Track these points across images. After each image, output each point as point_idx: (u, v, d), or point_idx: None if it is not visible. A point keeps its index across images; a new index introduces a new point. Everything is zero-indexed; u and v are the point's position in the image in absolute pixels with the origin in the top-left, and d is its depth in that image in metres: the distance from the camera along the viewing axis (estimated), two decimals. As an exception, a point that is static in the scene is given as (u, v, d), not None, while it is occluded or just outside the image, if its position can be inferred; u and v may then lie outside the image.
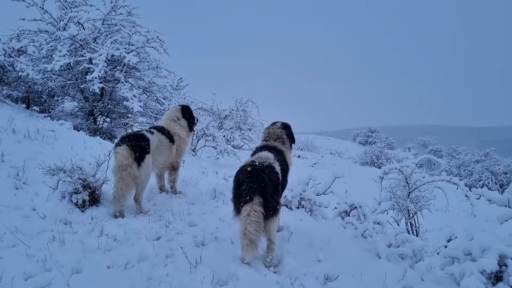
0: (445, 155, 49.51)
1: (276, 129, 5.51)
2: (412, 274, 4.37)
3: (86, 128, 13.84)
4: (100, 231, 4.92)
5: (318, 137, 46.38)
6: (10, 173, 6.15)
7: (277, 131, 5.48)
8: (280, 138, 5.43)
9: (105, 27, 13.60)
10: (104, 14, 13.30)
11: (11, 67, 13.75)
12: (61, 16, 13.44)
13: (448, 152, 50.57)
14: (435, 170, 34.65)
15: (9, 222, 4.74)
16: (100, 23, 13.45)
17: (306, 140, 29.24)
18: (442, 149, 51.68)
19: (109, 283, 3.80)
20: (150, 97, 15.19)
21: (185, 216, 5.60)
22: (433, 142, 53.71)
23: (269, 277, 4.07)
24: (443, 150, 51.15)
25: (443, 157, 47.05)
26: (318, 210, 6.32)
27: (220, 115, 19.80)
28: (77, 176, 5.60)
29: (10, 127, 8.96)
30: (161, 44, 13.73)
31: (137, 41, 13.50)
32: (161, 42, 13.79)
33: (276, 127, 5.53)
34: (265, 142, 5.42)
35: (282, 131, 5.51)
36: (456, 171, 35.55)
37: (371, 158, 31.24)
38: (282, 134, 5.47)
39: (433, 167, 36.14)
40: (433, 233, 7.80)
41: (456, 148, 50.56)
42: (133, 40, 13.44)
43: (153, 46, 13.54)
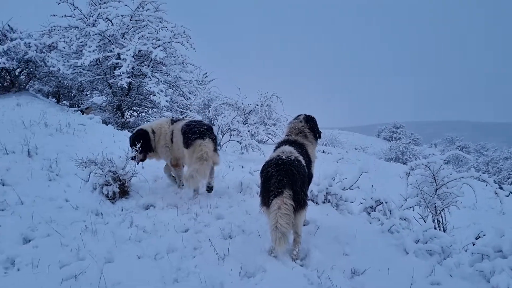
0: (473, 151, 48.31)
1: (297, 123, 5.50)
2: (440, 270, 4.32)
3: (114, 122, 14.12)
4: (130, 222, 5.05)
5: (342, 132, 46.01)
6: (43, 165, 6.36)
7: (299, 125, 5.47)
8: (302, 132, 5.41)
9: (133, 23, 13.81)
10: (132, 10, 13.50)
11: (42, 63, 14.14)
12: (90, 12, 13.71)
13: (476, 148, 49.35)
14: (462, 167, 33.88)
15: (43, 212, 4.92)
16: (128, 19, 13.66)
17: (330, 135, 29.05)
18: (470, 145, 50.45)
19: (140, 273, 3.90)
20: (176, 91, 15.35)
21: (213, 209, 5.67)
22: (460, 138, 52.51)
23: (296, 270, 4.09)
24: (471, 147, 49.92)
25: (471, 153, 45.92)
26: (344, 205, 6.30)
27: (245, 110, 19.83)
28: (107, 169, 5.74)
29: (42, 121, 9.24)
30: (187, 39, 13.85)
31: (164, 36, 13.65)
32: (188, 37, 13.90)
33: (298, 121, 5.52)
34: (287, 136, 5.43)
35: (304, 125, 5.49)
36: (484, 168, 34.69)
37: (396, 154, 30.77)
38: (303, 128, 5.45)
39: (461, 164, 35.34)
40: (460, 230, 7.67)
41: (484, 145, 49.30)
42: (160, 35, 13.59)
43: (180, 41, 13.69)
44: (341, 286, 3.81)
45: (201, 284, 3.77)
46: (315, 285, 3.85)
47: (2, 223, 4.56)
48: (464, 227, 8.34)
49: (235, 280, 3.88)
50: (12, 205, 5.03)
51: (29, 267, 3.83)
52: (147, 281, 3.76)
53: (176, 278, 3.88)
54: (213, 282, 3.81)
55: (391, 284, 4.00)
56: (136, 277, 3.82)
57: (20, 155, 6.64)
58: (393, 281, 4.05)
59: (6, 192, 5.32)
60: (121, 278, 3.75)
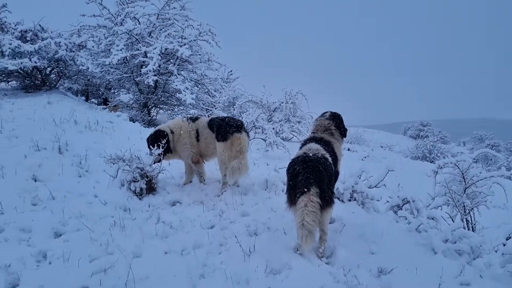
0: (504, 150, 46.92)
1: (323, 120, 5.46)
2: (469, 270, 4.22)
3: (141, 120, 14.33)
4: (157, 218, 5.12)
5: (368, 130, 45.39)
6: (73, 161, 6.52)
7: (325, 123, 5.43)
8: (328, 130, 5.37)
9: (159, 22, 13.97)
10: (159, 9, 13.67)
11: (72, 62, 14.46)
12: (118, 11, 13.94)
13: (507, 147, 47.91)
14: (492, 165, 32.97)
15: (74, 207, 5.06)
16: (154, 18, 13.84)
17: (355, 133, 28.74)
18: (500, 143, 48.99)
19: (167, 268, 3.96)
20: (201, 89, 15.46)
21: (238, 206, 5.69)
22: (490, 137, 51.08)
23: (322, 267, 4.07)
24: (501, 145, 48.48)
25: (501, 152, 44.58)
26: (370, 203, 6.22)
27: (270, 108, 19.80)
28: (135, 165, 5.84)
29: (72, 118, 9.46)
30: (213, 37, 13.92)
31: (190, 35, 13.78)
32: (213, 35, 13.98)
33: (324, 119, 5.48)
34: (313, 134, 5.40)
35: (330, 122, 5.45)
36: (516, 167, 33.68)
37: (422, 153, 30.16)
38: (330, 125, 5.41)
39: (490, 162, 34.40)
40: (490, 230, 7.48)
41: (515, 143, 47.88)
42: (185, 33, 13.73)
43: (205, 39, 13.78)
44: (367, 285, 3.77)
45: (227, 280, 3.80)
46: (341, 283, 3.82)
47: (34, 217, 4.70)
48: (494, 227, 8.13)
49: (260, 276, 3.89)
50: (44, 200, 5.19)
51: (60, 261, 3.94)
52: (174, 276, 3.81)
53: (202, 274, 3.92)
54: (238, 279, 3.83)
55: (419, 284, 3.94)
56: (163, 272, 3.88)
57: (51, 151, 6.82)
58: (421, 281, 3.98)
59: (38, 187, 5.49)
60: (149, 272, 3.81)
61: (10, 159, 6.26)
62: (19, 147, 6.81)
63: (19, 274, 3.68)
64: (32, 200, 5.15)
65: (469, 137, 54.73)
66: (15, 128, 7.99)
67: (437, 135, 49.55)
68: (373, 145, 29.51)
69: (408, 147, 33.39)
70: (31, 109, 10.77)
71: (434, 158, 28.04)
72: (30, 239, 4.32)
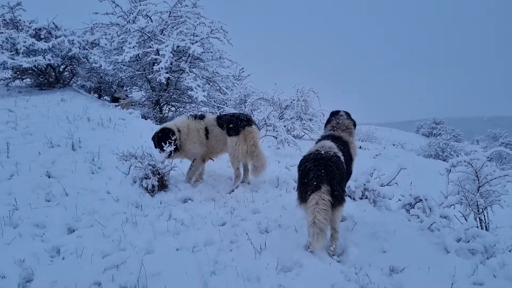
0: (519, 148, 46.29)
1: (345, 119, 5.42)
2: (483, 270, 4.17)
3: (153, 117, 14.40)
4: (168, 215, 5.15)
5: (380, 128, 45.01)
6: (86, 158, 6.58)
7: (346, 122, 5.40)
8: (348, 129, 5.36)
9: (171, 19, 14.01)
10: (171, 7, 13.70)
11: (85, 59, 14.58)
12: (130, 9, 14.01)
13: (522, 145, 47.26)
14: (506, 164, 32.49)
15: (87, 204, 5.11)
16: (166, 15, 13.88)
17: (367, 131, 28.53)
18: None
19: (178, 264, 3.98)
20: (213, 87, 15.48)
21: (249, 203, 5.70)
22: (504, 135, 50.32)
23: (333, 266, 4.07)
24: (516, 143, 47.80)
25: (516, 150, 43.84)
26: (382, 201, 6.19)
27: (281, 105, 19.77)
28: (147, 162, 5.88)
29: (85, 115, 9.56)
30: (225, 35, 13.92)
31: (201, 32, 13.78)
32: (225, 32, 13.97)
33: (345, 118, 5.45)
34: (331, 131, 5.36)
35: (350, 121, 5.44)
36: (530, 166, 33.17)
37: (435, 151, 29.81)
38: (350, 124, 5.40)
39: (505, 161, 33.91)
40: (504, 229, 7.38)
41: (531, 142, 47.13)
42: (197, 31, 13.73)
43: (217, 37, 13.77)
44: (379, 284, 3.76)
45: (238, 277, 3.81)
46: (352, 282, 3.81)
47: (48, 213, 4.76)
48: (508, 227, 8.02)
49: (271, 274, 3.90)
50: (57, 197, 5.25)
51: (73, 256, 3.99)
52: (185, 272, 3.83)
53: (213, 271, 3.94)
54: (249, 276, 3.84)
55: (431, 283, 3.91)
56: (174, 268, 3.90)
57: (64, 148, 6.90)
58: (434, 280, 3.95)
59: (52, 184, 5.56)
60: (160, 269, 3.84)
61: (24, 155, 6.35)
62: (34, 144, 6.91)
63: (33, 269, 3.73)
64: (46, 196, 5.22)
65: (483, 135, 54.01)
66: (30, 125, 8.10)
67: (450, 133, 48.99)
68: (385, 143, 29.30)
69: (420, 145, 33.08)
70: (45, 106, 10.91)
71: (447, 157, 27.73)
72: (44, 234, 4.38)
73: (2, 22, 14.17)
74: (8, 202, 4.90)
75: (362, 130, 29.16)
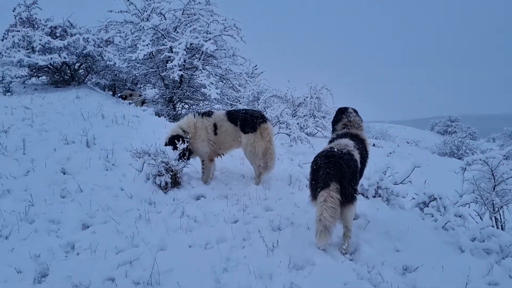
0: (536, 146, 45.32)
1: (355, 117, 5.40)
2: (498, 270, 4.11)
3: (166, 114, 14.47)
4: (181, 212, 5.18)
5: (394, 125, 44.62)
6: (100, 155, 6.66)
7: (357, 119, 5.38)
8: (360, 126, 5.34)
9: (184, 17, 14.04)
10: (184, 4, 13.73)
11: (99, 57, 14.71)
12: (144, 7, 14.07)
13: (540, 143, 46.40)
14: (523, 162, 31.89)
15: (101, 200, 5.17)
16: (180, 13, 13.91)
17: (381, 129, 28.32)
18: (532, 139, 47.44)
19: (191, 261, 4.00)
20: (226, 84, 15.49)
21: (262, 201, 5.70)
22: (521, 133, 49.49)
23: (345, 264, 4.05)
24: (533, 141, 46.95)
25: (534, 148, 43.02)
26: (395, 199, 6.13)
27: (294, 103, 19.70)
28: (160, 159, 5.91)
29: (99, 112, 9.65)
30: (238, 32, 13.91)
31: (215, 30, 13.78)
32: (238, 29, 13.96)
33: (355, 115, 5.42)
34: (345, 130, 5.32)
35: (360, 118, 5.41)
36: (549, 165, 32.52)
37: (450, 149, 29.43)
38: (360, 122, 5.37)
39: (522, 159, 33.31)
40: (520, 229, 7.28)
41: (549, 140, 46.26)
42: (211, 28, 13.74)
43: (230, 34, 13.77)
44: (392, 283, 3.73)
45: (250, 274, 3.82)
46: (364, 280, 3.79)
47: (63, 209, 4.83)
48: (525, 226, 7.92)
49: (283, 272, 3.89)
50: (72, 193, 5.32)
51: (87, 252, 4.05)
52: (198, 269, 3.85)
53: (225, 268, 3.95)
54: (261, 273, 3.84)
55: (445, 283, 3.86)
56: (187, 265, 3.93)
57: (79, 145, 6.98)
58: (447, 280, 3.91)
59: (67, 180, 5.63)
60: (173, 265, 3.87)
61: (40, 152, 6.45)
62: (49, 141, 7.01)
63: (48, 264, 3.79)
64: (61, 193, 5.30)
65: (499, 133, 53.20)
66: (45, 122, 8.22)
67: (466, 131, 48.36)
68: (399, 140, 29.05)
69: (435, 143, 32.70)
70: (60, 103, 11.06)
71: (462, 155, 27.38)
72: (59, 230, 4.45)
73: (19, 21, 14.37)
74: (24, 198, 4.99)
75: (375, 127, 28.94)
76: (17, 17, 14.39)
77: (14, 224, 4.39)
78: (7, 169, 5.71)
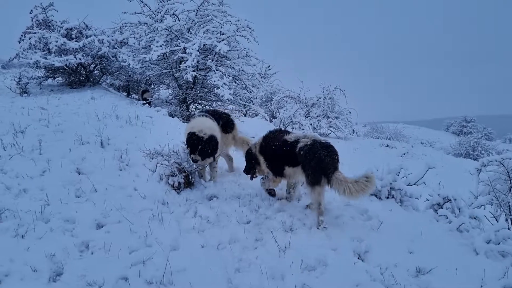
0: (554, 147, 44.60)
1: None
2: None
3: (180, 115, 14.55)
4: (194, 212, 5.21)
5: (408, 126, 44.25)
6: (114, 155, 6.71)
7: None
8: None
9: (198, 18, 14.11)
10: (198, 5, 13.79)
11: (114, 58, 14.85)
12: (158, 8, 14.17)
13: (557, 144, 45.54)
14: (541, 164, 31.32)
15: (114, 200, 5.21)
16: (193, 14, 13.98)
17: (394, 129, 28.14)
18: (550, 140, 46.56)
19: (203, 261, 4.04)
20: (239, 85, 15.51)
21: (274, 202, 5.70)
22: (539, 133, 48.61)
23: (358, 265, 4.04)
24: (551, 142, 46.08)
25: (552, 150, 42.36)
26: (409, 201, 6.09)
27: (307, 103, 19.68)
28: (173, 160, 5.95)
29: (114, 113, 9.74)
30: (251, 33, 13.92)
31: (228, 30, 13.82)
32: (251, 30, 13.97)
33: None
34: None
35: None
36: None
37: (466, 150, 29.06)
38: None
39: (539, 161, 32.70)
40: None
41: None
42: (224, 29, 13.79)
43: (243, 35, 13.79)
44: (405, 284, 3.71)
45: (262, 275, 3.83)
46: (377, 282, 3.78)
47: (78, 209, 4.90)
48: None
49: (295, 272, 3.90)
50: (87, 193, 5.38)
51: (101, 251, 4.10)
52: (210, 269, 3.88)
53: (238, 268, 3.97)
54: (274, 274, 3.86)
55: (459, 285, 3.84)
56: (199, 265, 3.96)
57: (94, 145, 7.06)
58: (462, 282, 3.88)
59: (81, 180, 5.70)
60: (186, 265, 3.90)
61: (56, 152, 6.53)
62: (65, 141, 7.09)
63: (63, 263, 3.85)
64: (76, 192, 5.36)
65: (515, 133, 52.34)
66: (61, 122, 8.31)
67: (482, 132, 47.67)
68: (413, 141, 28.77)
69: (450, 144, 32.31)
70: (75, 104, 11.19)
71: (478, 156, 27.01)
72: (73, 229, 4.51)
73: (35, 23, 14.54)
74: (40, 198, 5.06)
75: (389, 128, 28.71)
76: (34, 19, 14.57)
77: (30, 223, 4.46)
78: (23, 169, 5.79)
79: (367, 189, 4.61)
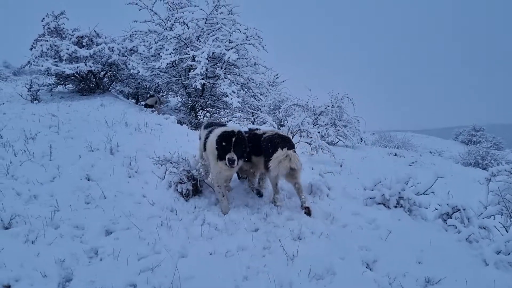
0: None
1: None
2: (524, 285, 4.03)
3: (188, 122, 14.63)
4: (202, 220, 5.21)
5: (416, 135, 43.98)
6: (124, 162, 6.76)
7: None
8: None
9: (207, 26, 14.22)
10: (207, 14, 13.91)
11: (124, 66, 14.99)
12: (168, 17, 14.32)
13: None
14: (552, 174, 30.93)
15: (123, 207, 5.25)
16: (203, 22, 14.10)
17: (403, 138, 27.99)
18: (561, 150, 46.05)
19: (212, 269, 4.04)
20: (247, 93, 15.57)
21: (282, 210, 5.69)
22: (550, 143, 48.11)
23: (366, 274, 4.01)
24: (562, 152, 45.55)
25: (563, 160, 41.85)
26: (417, 210, 6.04)
27: (315, 111, 19.68)
28: (182, 168, 5.98)
29: (123, 120, 9.82)
30: (260, 41, 14.00)
31: (237, 39, 13.92)
32: (260, 38, 14.04)
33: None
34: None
35: None
36: None
37: (475, 159, 28.76)
38: None
39: (550, 171, 32.31)
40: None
41: None
42: (233, 37, 13.89)
43: (252, 43, 13.87)
44: (413, 295, 3.69)
45: (270, 283, 3.83)
46: (385, 292, 3.76)
47: (87, 215, 4.93)
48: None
49: (303, 281, 3.89)
50: (96, 199, 5.42)
51: (110, 258, 4.12)
52: (218, 277, 3.88)
53: (246, 276, 3.97)
54: (281, 282, 3.85)
55: (468, 296, 3.80)
56: (207, 272, 3.96)
57: (103, 152, 7.11)
58: (471, 293, 3.84)
59: (91, 186, 5.75)
60: (194, 272, 3.91)
61: (66, 159, 6.59)
62: (74, 148, 7.16)
63: (72, 269, 3.88)
64: (85, 199, 5.40)
65: (526, 143, 51.82)
66: (71, 129, 8.40)
67: (491, 141, 47.30)
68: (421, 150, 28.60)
69: (459, 153, 32.07)
70: (85, 111, 11.30)
71: (487, 165, 26.75)
72: (83, 236, 4.54)
73: (47, 30, 14.75)
74: (50, 204, 5.11)
75: (397, 137, 28.58)
76: (46, 27, 14.78)
77: (40, 229, 4.50)
78: (34, 175, 5.86)
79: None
